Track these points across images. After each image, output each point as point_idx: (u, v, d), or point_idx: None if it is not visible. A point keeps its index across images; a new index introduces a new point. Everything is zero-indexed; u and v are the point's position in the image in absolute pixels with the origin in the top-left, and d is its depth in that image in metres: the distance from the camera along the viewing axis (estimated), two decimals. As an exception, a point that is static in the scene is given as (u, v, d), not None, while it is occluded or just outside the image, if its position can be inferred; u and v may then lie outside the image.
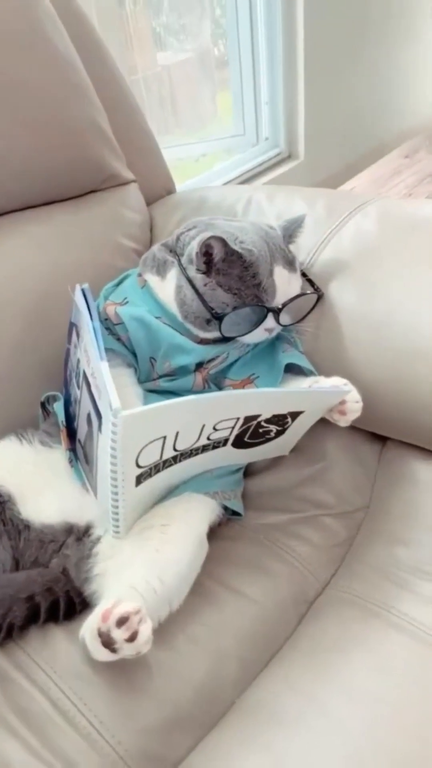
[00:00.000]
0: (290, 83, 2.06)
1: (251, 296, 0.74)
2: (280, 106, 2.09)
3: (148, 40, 1.96)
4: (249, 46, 1.98)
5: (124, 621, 0.57)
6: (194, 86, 2.16)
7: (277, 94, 2.06)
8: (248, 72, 2.02)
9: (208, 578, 0.71)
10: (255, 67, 2.01)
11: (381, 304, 0.78)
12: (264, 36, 1.95)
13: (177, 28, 2.00)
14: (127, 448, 0.62)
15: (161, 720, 0.61)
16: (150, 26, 1.92)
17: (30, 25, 0.84)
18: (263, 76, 2.02)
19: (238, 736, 0.58)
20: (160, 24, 1.93)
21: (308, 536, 0.75)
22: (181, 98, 2.15)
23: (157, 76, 2.05)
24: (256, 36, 1.96)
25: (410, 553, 0.70)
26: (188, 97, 2.17)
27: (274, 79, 2.03)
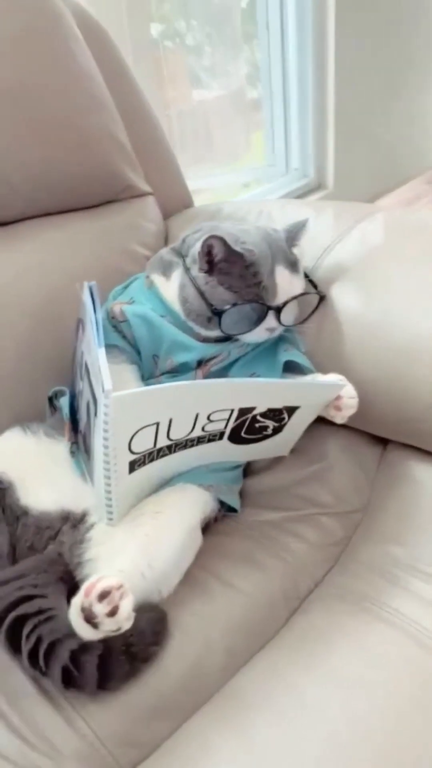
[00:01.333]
0: (320, 115, 2.10)
1: (252, 294, 0.75)
2: (309, 138, 2.13)
3: (184, 77, 2.05)
4: (280, 79, 2.04)
5: (105, 595, 0.58)
6: (228, 121, 2.23)
7: (306, 126, 2.11)
8: (279, 104, 2.07)
9: (200, 570, 0.71)
10: (286, 99, 2.07)
11: (380, 305, 0.78)
12: (295, 70, 2.01)
13: (212, 67, 2.08)
14: (119, 430, 0.64)
15: (143, 706, 0.61)
16: (186, 65, 2.01)
17: (53, 41, 0.90)
18: (294, 108, 2.08)
19: (215, 721, 0.57)
20: (196, 63, 2.01)
21: (304, 534, 0.75)
22: (215, 132, 2.22)
23: (192, 111, 2.12)
24: (288, 70, 2.03)
25: (406, 551, 0.69)
26: (222, 131, 2.24)
27: (304, 111, 2.09)
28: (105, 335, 0.80)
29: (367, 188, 2.31)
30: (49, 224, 0.93)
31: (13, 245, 0.89)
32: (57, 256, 0.90)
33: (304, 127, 2.11)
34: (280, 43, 2.01)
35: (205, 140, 2.21)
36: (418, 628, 0.61)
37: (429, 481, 0.76)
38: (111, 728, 0.59)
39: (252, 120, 2.21)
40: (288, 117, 2.09)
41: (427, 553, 0.68)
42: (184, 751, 0.55)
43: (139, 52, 1.48)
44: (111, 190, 0.99)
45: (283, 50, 2.02)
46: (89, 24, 0.99)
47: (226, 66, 2.10)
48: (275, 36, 2.00)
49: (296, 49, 2.00)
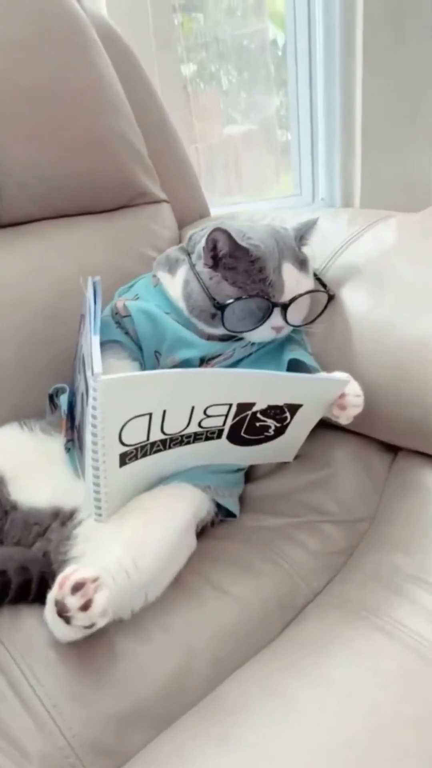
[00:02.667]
0: (347, 145, 2.11)
1: (257, 290, 0.73)
2: (336, 168, 2.13)
3: (215, 113, 2.09)
4: (308, 111, 2.06)
5: (79, 587, 0.54)
6: (257, 155, 2.26)
7: (333, 156, 2.11)
8: (306, 134, 2.09)
9: (192, 573, 0.67)
10: (313, 129, 2.08)
11: (391, 305, 0.75)
12: (322, 102, 2.02)
13: (241, 103, 2.12)
14: (108, 417, 0.61)
15: (119, 712, 0.56)
16: (216, 101, 2.05)
17: (72, 46, 0.91)
18: (321, 138, 2.09)
19: (194, 729, 0.53)
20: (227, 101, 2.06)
21: (304, 541, 0.70)
22: (244, 166, 2.25)
23: (223, 145, 2.16)
24: (315, 101, 2.04)
25: (411, 560, 0.64)
26: (251, 165, 2.26)
27: (331, 140, 2.09)
28: (108, 331, 0.79)
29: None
30: (61, 225, 0.93)
31: (24, 244, 0.89)
32: (67, 256, 0.90)
33: (331, 156, 2.11)
34: (308, 78, 2.03)
35: (235, 172, 2.24)
36: (421, 640, 0.56)
37: (439, 488, 0.71)
38: (84, 734, 0.55)
39: (281, 159, 2.23)
40: (315, 145, 2.10)
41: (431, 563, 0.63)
42: (157, 760, 0.51)
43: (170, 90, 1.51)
44: (125, 195, 0.99)
45: (311, 83, 2.04)
46: (112, 37, 1.01)
47: (256, 102, 2.14)
48: (303, 70, 2.02)
49: (324, 79, 2.02)
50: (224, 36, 1.93)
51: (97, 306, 0.70)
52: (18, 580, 0.64)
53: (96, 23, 0.98)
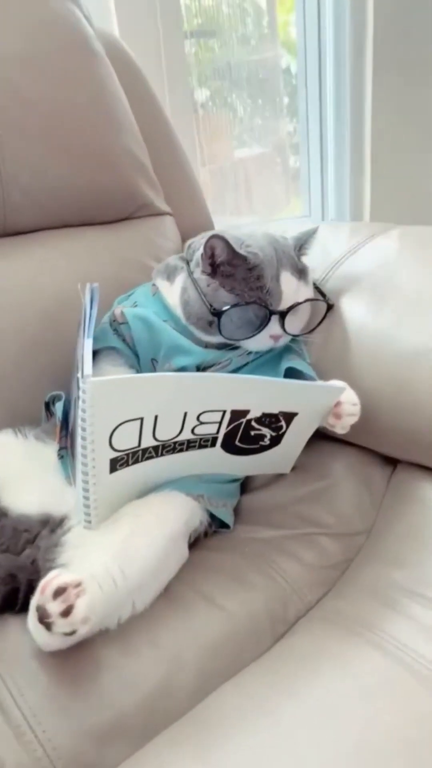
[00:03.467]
0: (357, 170, 2.11)
1: (254, 298, 0.72)
2: (346, 191, 2.14)
3: (226, 135, 2.11)
4: (317, 132, 2.07)
5: (60, 593, 0.53)
6: (268, 178, 2.28)
7: (343, 179, 2.12)
8: (315, 155, 2.10)
9: (183, 584, 0.65)
10: (323, 150, 2.09)
11: (390, 313, 0.74)
12: (332, 127, 2.04)
13: (253, 128, 2.15)
14: (98, 420, 0.60)
15: (101, 724, 0.54)
16: (228, 124, 2.08)
17: (80, 61, 0.92)
18: (330, 159, 2.10)
19: (175, 744, 0.50)
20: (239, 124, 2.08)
21: (299, 554, 0.68)
22: (255, 188, 2.27)
23: (233, 167, 2.18)
24: (325, 127, 2.06)
25: (407, 575, 0.62)
26: (262, 187, 2.28)
27: (340, 164, 2.10)
28: (105, 338, 0.79)
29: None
30: (64, 235, 0.94)
31: (26, 251, 0.90)
32: (68, 264, 0.90)
33: (341, 179, 2.12)
34: (318, 104, 2.05)
35: (245, 194, 2.26)
36: (414, 656, 0.53)
37: (438, 500, 0.69)
38: (63, 746, 0.53)
39: (292, 183, 2.25)
40: (325, 170, 2.11)
41: (429, 576, 0.61)
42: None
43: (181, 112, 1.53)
44: (128, 207, 1.00)
45: (321, 109, 2.06)
46: (118, 52, 1.03)
47: (268, 127, 2.16)
48: (313, 97, 2.04)
49: (334, 105, 2.03)
50: (237, 62, 1.96)
51: (92, 311, 0.70)
52: (5, 589, 0.63)
53: (103, 39, 0.99)
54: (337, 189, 2.14)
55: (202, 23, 1.85)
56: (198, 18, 1.85)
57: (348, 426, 0.68)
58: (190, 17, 1.81)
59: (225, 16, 1.90)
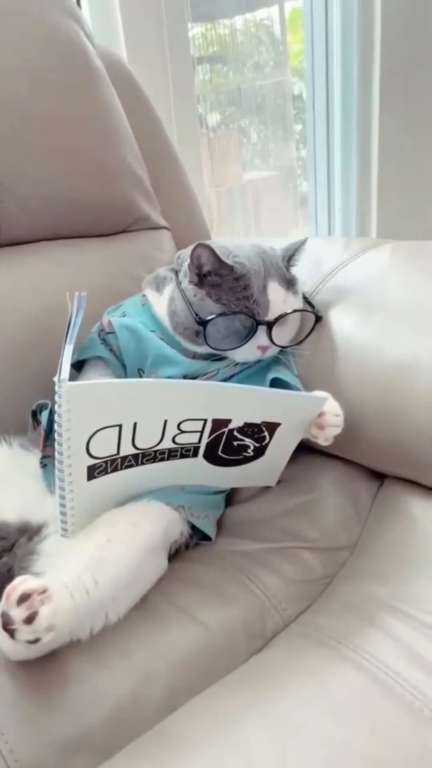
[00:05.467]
0: (364, 191, 2.12)
1: (241, 308, 0.72)
2: (352, 217, 2.14)
3: (235, 157, 2.14)
4: (325, 157, 2.09)
5: (25, 599, 0.52)
6: (276, 200, 2.30)
7: (350, 202, 2.12)
8: (323, 179, 2.11)
9: (159, 596, 0.64)
10: (330, 175, 2.10)
11: (377, 325, 0.73)
12: (339, 143, 2.05)
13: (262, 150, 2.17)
14: (75, 426, 0.60)
15: (66, 736, 0.53)
16: (237, 146, 2.11)
17: (78, 75, 0.93)
18: (337, 184, 2.10)
19: (137, 759, 0.49)
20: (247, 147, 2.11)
21: (279, 568, 0.67)
22: (263, 210, 2.28)
23: (242, 189, 2.20)
24: (332, 153, 2.07)
25: (389, 590, 0.60)
26: (270, 209, 2.30)
27: (347, 187, 2.11)
28: (92, 347, 0.79)
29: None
30: (60, 246, 0.94)
31: (20, 260, 0.90)
32: (61, 275, 0.90)
33: (348, 205, 2.12)
34: (325, 131, 2.06)
35: (254, 216, 2.27)
36: (389, 673, 0.51)
37: (423, 516, 0.67)
38: (27, 759, 0.51)
39: (300, 208, 2.26)
40: (331, 190, 2.12)
41: (411, 592, 0.59)
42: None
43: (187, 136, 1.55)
44: (124, 221, 1.00)
45: (328, 136, 2.07)
46: (117, 68, 1.04)
47: (277, 150, 2.18)
48: (321, 123, 2.06)
49: (341, 132, 2.04)
50: (248, 88, 1.99)
51: (77, 318, 0.70)
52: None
53: (104, 56, 1.01)
54: (344, 213, 2.14)
55: (216, 50, 1.89)
56: (213, 46, 1.89)
57: (331, 437, 0.67)
58: (205, 45, 1.85)
59: (239, 44, 1.94)
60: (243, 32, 1.94)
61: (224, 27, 1.88)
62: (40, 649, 0.54)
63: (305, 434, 0.69)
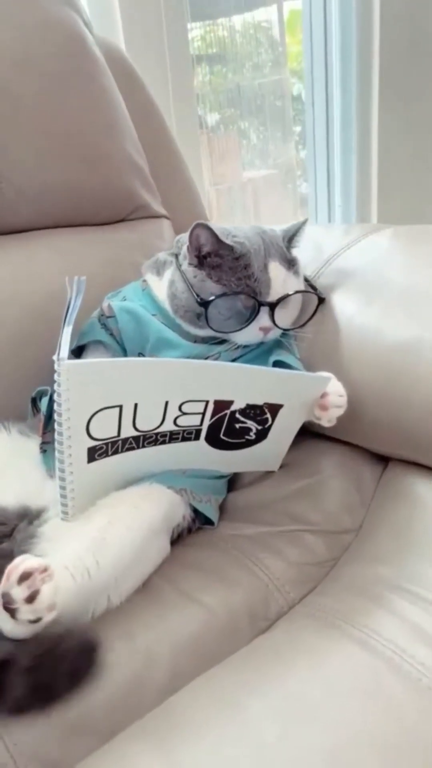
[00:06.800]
0: (364, 191, 2.11)
1: (242, 286, 0.71)
2: (353, 215, 2.13)
3: (235, 156, 2.13)
4: (324, 155, 2.08)
5: (25, 578, 0.51)
6: (276, 198, 2.29)
7: (350, 196, 2.12)
8: (323, 179, 2.10)
9: (162, 579, 0.63)
10: (329, 175, 2.09)
11: (379, 306, 0.72)
12: (339, 142, 2.05)
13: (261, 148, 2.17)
14: (74, 406, 0.59)
15: (66, 721, 0.52)
16: (237, 145, 2.11)
17: (77, 65, 0.93)
18: (337, 184, 2.10)
19: (139, 739, 0.48)
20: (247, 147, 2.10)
21: (283, 551, 0.66)
22: (263, 207, 2.28)
23: (242, 187, 2.20)
24: (332, 143, 2.06)
25: (394, 571, 0.59)
26: (270, 207, 2.29)
27: (347, 186, 2.10)
28: (92, 332, 0.78)
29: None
30: (59, 234, 0.93)
31: (20, 249, 0.89)
32: (61, 261, 0.90)
33: (348, 196, 2.11)
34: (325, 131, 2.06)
35: (254, 214, 2.27)
36: (396, 650, 0.50)
37: (428, 497, 0.66)
38: (26, 742, 0.50)
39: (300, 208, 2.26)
40: (331, 185, 2.11)
41: (417, 572, 0.58)
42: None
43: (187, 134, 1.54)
44: (124, 209, 0.99)
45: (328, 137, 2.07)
46: (115, 57, 1.03)
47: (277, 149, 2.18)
48: (320, 124, 2.05)
49: (340, 132, 2.04)
50: (247, 88, 1.99)
51: (76, 302, 0.69)
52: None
53: (103, 45, 1.00)
54: (344, 210, 2.14)
55: (215, 51, 1.89)
56: (213, 48, 1.89)
57: (334, 418, 0.66)
58: (204, 45, 1.85)
59: (238, 45, 1.94)
60: (242, 33, 1.94)
61: (223, 28, 1.88)
62: (40, 628, 0.53)
63: (308, 416, 0.69)
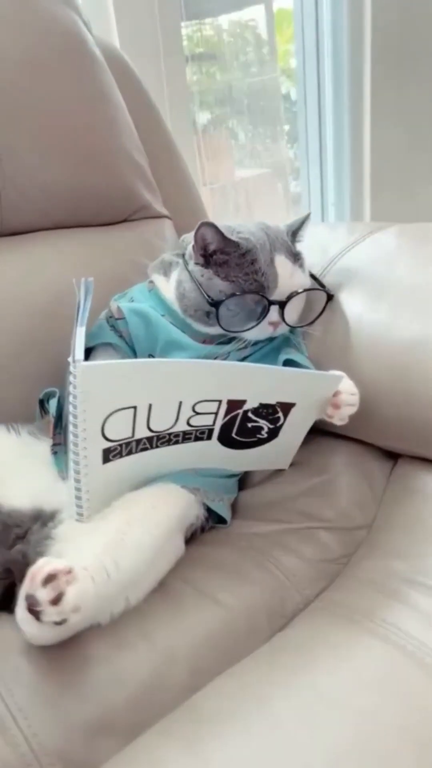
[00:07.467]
0: (356, 191, 2.12)
1: (250, 282, 0.72)
2: (347, 214, 2.14)
3: (227, 155, 2.14)
4: (317, 153, 2.09)
5: (50, 580, 0.51)
6: (269, 197, 2.30)
7: (343, 202, 2.13)
8: (316, 179, 2.11)
9: (178, 579, 0.63)
10: (323, 175, 2.10)
11: (389, 303, 0.73)
12: (332, 139, 2.05)
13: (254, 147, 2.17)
14: (89, 408, 0.59)
15: (90, 719, 0.52)
16: (228, 144, 2.11)
17: (78, 65, 0.93)
18: (330, 184, 2.11)
19: (167, 737, 0.48)
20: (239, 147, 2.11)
21: (297, 548, 0.66)
22: (256, 207, 2.28)
23: (235, 186, 2.20)
24: (324, 142, 2.07)
25: (408, 565, 0.60)
26: (263, 207, 2.30)
27: (340, 186, 2.11)
28: (101, 334, 0.78)
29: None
30: (61, 235, 0.93)
31: (23, 250, 0.89)
32: (65, 262, 0.90)
33: (341, 202, 2.12)
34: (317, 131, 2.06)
35: (247, 213, 2.28)
36: (416, 644, 0.51)
37: (439, 492, 0.67)
38: (49, 742, 0.50)
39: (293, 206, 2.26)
40: (324, 184, 2.12)
41: (430, 566, 0.58)
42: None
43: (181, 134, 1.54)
44: (126, 210, 1.00)
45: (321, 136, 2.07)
46: (115, 58, 1.04)
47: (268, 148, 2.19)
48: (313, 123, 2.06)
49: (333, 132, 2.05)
50: (237, 87, 1.99)
51: (87, 302, 0.69)
52: (2, 585, 0.61)
53: (101, 46, 1.00)
54: (337, 213, 2.15)
55: (206, 50, 1.89)
56: (200, 47, 1.89)
57: (346, 417, 0.67)
58: (191, 46, 1.85)
59: (226, 44, 1.94)
60: (230, 32, 1.94)
61: (209, 28, 1.89)
62: (65, 632, 0.53)
63: (320, 415, 0.69)
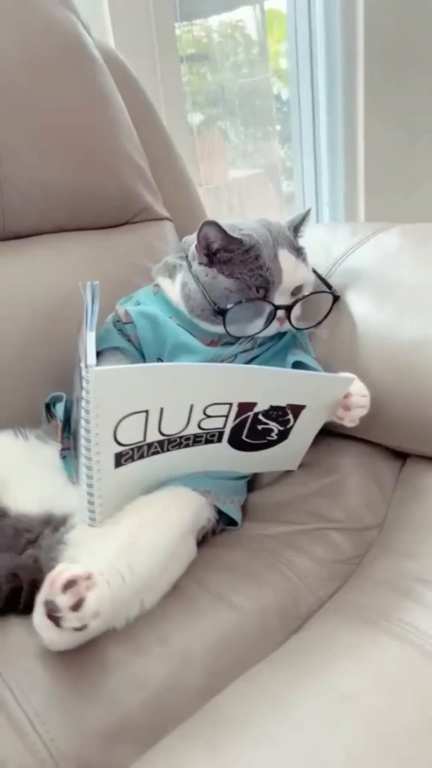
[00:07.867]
0: (351, 192, 2.13)
1: (255, 277, 0.72)
2: (341, 215, 2.15)
3: (221, 155, 2.14)
4: (311, 153, 2.09)
5: (70, 585, 0.51)
6: (262, 197, 2.31)
7: (337, 203, 2.13)
8: (310, 180, 2.11)
9: (191, 582, 0.64)
10: (317, 175, 2.11)
11: (394, 304, 0.74)
12: (325, 139, 2.06)
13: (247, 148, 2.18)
14: (102, 413, 0.59)
15: (107, 725, 0.52)
16: (222, 144, 2.11)
17: (78, 67, 0.93)
18: (324, 184, 2.11)
19: (187, 740, 0.48)
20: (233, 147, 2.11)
21: (309, 549, 0.67)
22: (249, 207, 2.29)
23: (228, 187, 2.21)
24: (318, 142, 2.08)
25: (421, 564, 0.60)
26: (257, 207, 2.30)
27: (334, 187, 2.11)
28: (109, 338, 0.78)
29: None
30: (63, 238, 0.93)
31: (25, 254, 0.89)
32: (67, 265, 0.90)
33: (335, 202, 2.13)
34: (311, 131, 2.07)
35: (240, 213, 2.28)
36: (429, 640, 0.51)
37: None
38: (68, 747, 0.50)
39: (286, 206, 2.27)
40: (319, 185, 2.12)
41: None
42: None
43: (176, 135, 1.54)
44: (127, 212, 1.00)
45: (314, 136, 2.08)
46: (114, 60, 1.04)
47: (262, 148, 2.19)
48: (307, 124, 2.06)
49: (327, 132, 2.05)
50: (229, 88, 2.00)
51: (94, 306, 0.69)
52: (8, 588, 0.61)
53: (99, 48, 1.00)
54: (331, 213, 2.15)
55: (198, 50, 1.89)
56: (191, 48, 1.89)
57: (357, 419, 0.67)
58: (183, 47, 1.85)
59: (217, 45, 1.94)
60: (221, 33, 1.95)
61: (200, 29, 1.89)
62: (83, 637, 0.53)
63: (330, 417, 0.69)
